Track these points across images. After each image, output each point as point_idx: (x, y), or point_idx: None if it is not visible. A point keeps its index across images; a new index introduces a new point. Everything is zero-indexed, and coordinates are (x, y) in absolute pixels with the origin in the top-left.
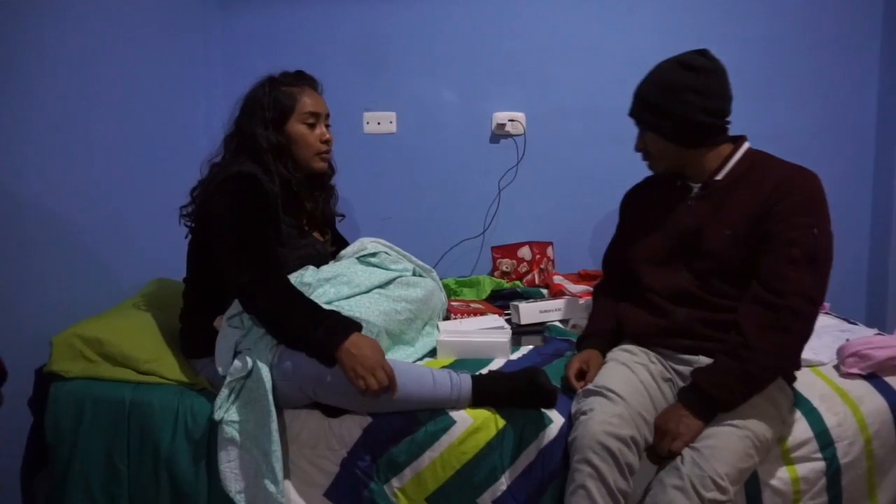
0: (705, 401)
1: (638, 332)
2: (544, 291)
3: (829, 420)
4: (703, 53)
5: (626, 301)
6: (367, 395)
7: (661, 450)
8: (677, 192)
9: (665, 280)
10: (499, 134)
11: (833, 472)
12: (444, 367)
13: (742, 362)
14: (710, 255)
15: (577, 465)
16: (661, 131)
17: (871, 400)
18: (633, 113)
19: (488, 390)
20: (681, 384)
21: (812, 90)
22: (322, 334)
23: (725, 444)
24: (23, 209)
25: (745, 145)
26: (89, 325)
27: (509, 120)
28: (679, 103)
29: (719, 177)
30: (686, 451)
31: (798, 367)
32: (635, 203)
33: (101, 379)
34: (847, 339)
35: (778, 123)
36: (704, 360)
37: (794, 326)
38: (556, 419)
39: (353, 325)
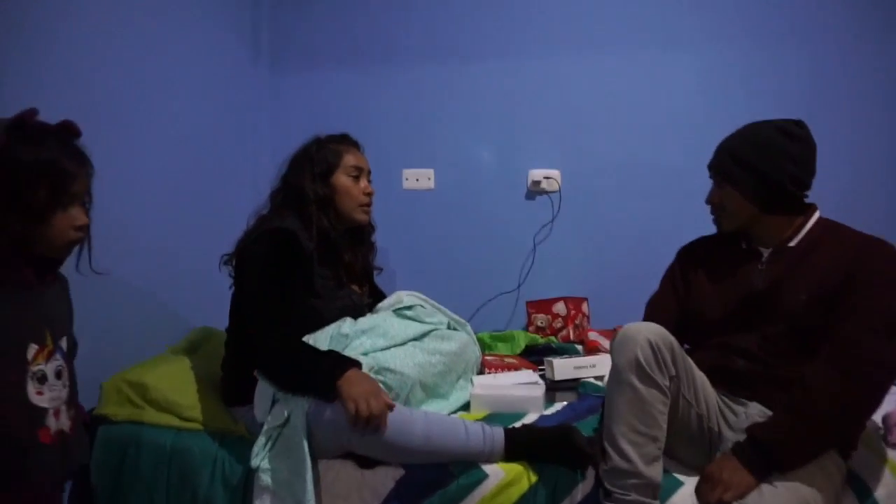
0: (762, 456)
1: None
2: (579, 347)
3: (879, 492)
4: (800, 125)
5: None
6: (358, 426)
7: (710, 499)
8: (744, 254)
9: (728, 339)
10: (534, 190)
11: None
12: (477, 420)
13: (806, 423)
14: (782, 319)
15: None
16: (745, 189)
17: None
18: (717, 166)
19: (522, 443)
20: (725, 432)
21: (848, 147)
22: (323, 370)
23: None
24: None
25: (817, 214)
26: (136, 371)
27: (544, 177)
28: (774, 167)
29: (792, 243)
30: None
31: (856, 445)
32: (696, 259)
33: (145, 423)
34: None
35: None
36: (758, 407)
37: (866, 394)
38: (590, 476)
39: (352, 362)
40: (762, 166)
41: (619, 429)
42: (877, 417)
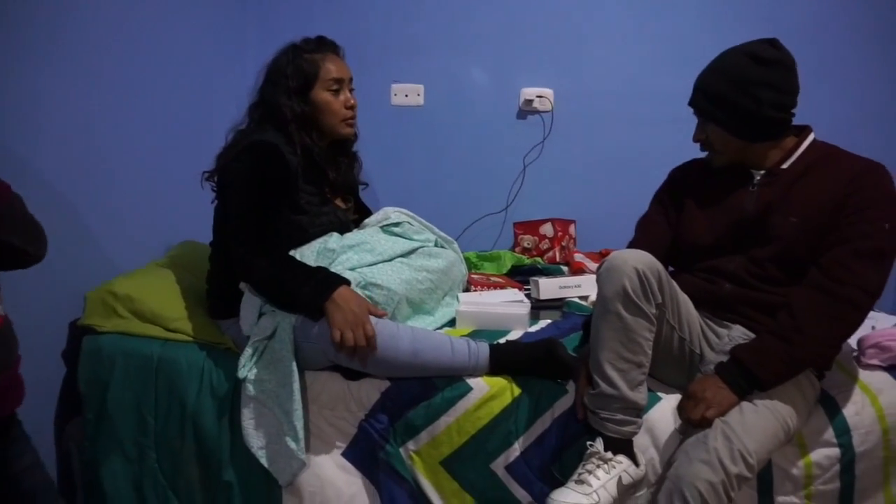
0: (745, 377)
1: (683, 290)
2: (564, 269)
3: (847, 409)
4: (773, 44)
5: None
6: (343, 351)
7: (693, 416)
8: (736, 177)
9: (716, 262)
10: (526, 110)
11: (848, 460)
12: (462, 336)
13: (790, 345)
14: (772, 242)
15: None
16: (726, 125)
17: (890, 392)
18: (696, 104)
19: (506, 359)
20: (707, 354)
21: (856, 78)
22: (311, 289)
23: (758, 422)
24: (61, 171)
25: (811, 136)
26: (121, 282)
27: (537, 96)
28: (749, 98)
29: (785, 166)
30: (716, 424)
31: (830, 365)
32: (687, 182)
33: (131, 334)
34: (872, 328)
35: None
36: (741, 330)
37: (849, 317)
38: (572, 389)
39: (340, 280)
40: (737, 99)
41: (605, 355)
42: (852, 340)
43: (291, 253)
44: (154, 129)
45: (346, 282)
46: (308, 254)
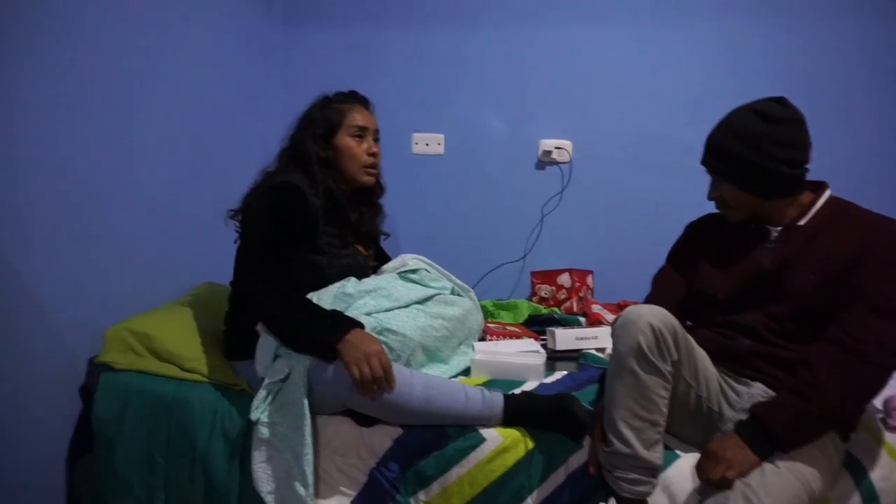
0: (765, 436)
1: (701, 345)
2: (582, 319)
3: (874, 473)
4: (780, 102)
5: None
6: (363, 390)
7: (712, 476)
8: (752, 233)
9: (734, 318)
10: (544, 161)
11: None
12: (477, 385)
13: (810, 403)
14: (790, 298)
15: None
16: (738, 182)
17: None
18: (707, 163)
19: (520, 410)
20: (726, 412)
21: (871, 127)
22: (324, 329)
23: (780, 485)
24: (85, 206)
25: (827, 192)
26: (140, 320)
27: (556, 147)
28: (760, 155)
29: (801, 222)
30: (737, 485)
31: (856, 427)
32: (703, 237)
33: (147, 373)
34: None
35: (837, 159)
36: (761, 388)
37: (870, 374)
38: (587, 443)
39: (354, 322)
40: (751, 157)
41: (620, 413)
42: (877, 401)
43: (309, 296)
44: (181, 168)
45: (360, 325)
46: (325, 298)
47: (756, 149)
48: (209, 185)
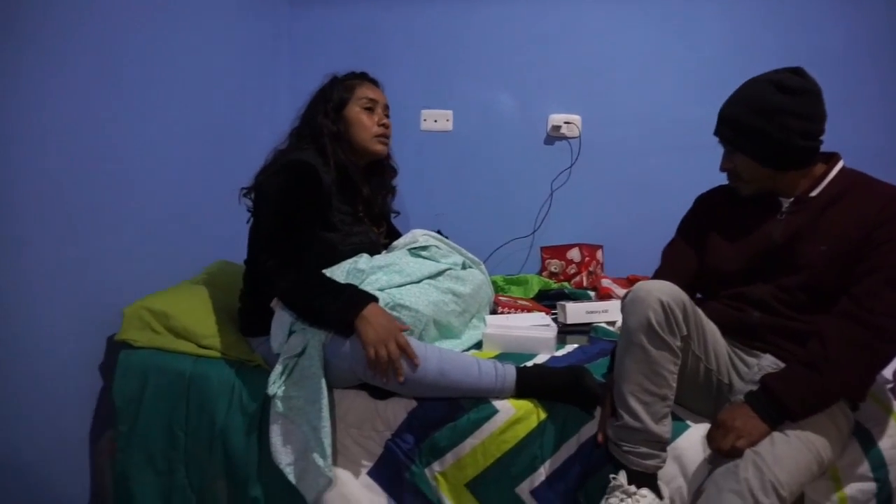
0: (775, 406)
1: (710, 318)
2: (591, 294)
3: (883, 442)
4: (798, 73)
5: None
6: (378, 370)
7: (723, 445)
8: (764, 205)
9: (744, 290)
10: (554, 136)
11: (885, 495)
12: (489, 358)
13: (820, 374)
14: (802, 270)
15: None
16: (754, 155)
17: None
18: (722, 134)
19: (532, 383)
20: (736, 384)
21: (883, 105)
22: (341, 305)
23: (790, 454)
24: (101, 189)
25: (840, 163)
26: (157, 298)
27: (565, 122)
28: (777, 127)
29: (813, 193)
30: (747, 454)
31: (865, 397)
32: (713, 210)
33: (165, 350)
34: None
35: (846, 137)
36: (770, 359)
37: (881, 347)
38: (598, 414)
39: (370, 297)
40: (767, 129)
41: (629, 388)
42: (886, 371)
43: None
44: (193, 148)
45: (375, 299)
46: (338, 273)
47: (772, 120)
48: (220, 166)
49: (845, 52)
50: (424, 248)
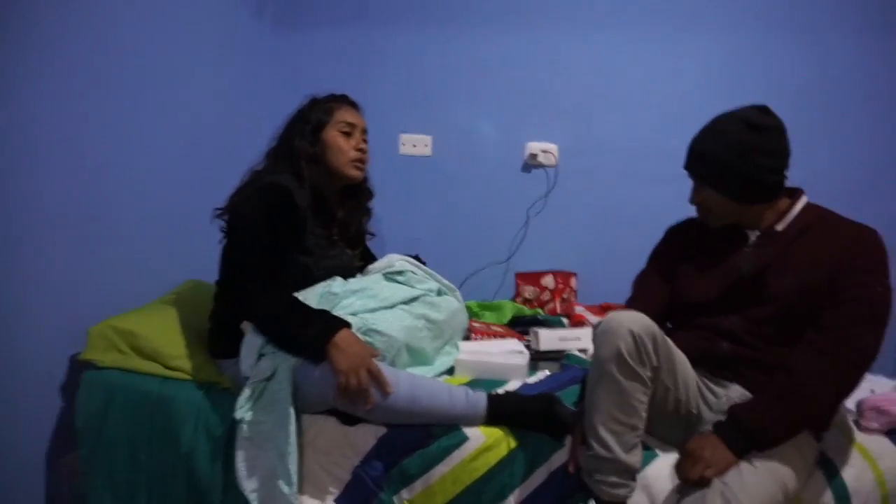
0: (743, 436)
1: (680, 348)
2: (565, 320)
3: (846, 473)
4: (762, 110)
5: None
6: (348, 397)
7: (691, 475)
8: (731, 237)
9: (713, 321)
10: (531, 163)
11: None
12: (460, 385)
13: (787, 404)
14: (769, 302)
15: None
16: (723, 189)
17: (890, 457)
18: (692, 168)
19: (503, 410)
20: (705, 413)
21: (858, 139)
22: (314, 331)
23: (757, 483)
24: (68, 205)
25: (804, 199)
26: (124, 318)
27: (542, 150)
28: (749, 165)
29: (780, 227)
30: (715, 484)
31: (829, 426)
32: (683, 241)
33: (131, 371)
34: (871, 391)
35: (820, 170)
36: (739, 390)
37: (847, 378)
38: (569, 443)
39: (342, 323)
40: (739, 166)
41: (600, 418)
42: (849, 402)
43: (295, 295)
44: (166, 169)
45: (348, 325)
46: (312, 297)
47: (743, 157)
48: (194, 184)
49: (818, 86)
50: (400, 272)
